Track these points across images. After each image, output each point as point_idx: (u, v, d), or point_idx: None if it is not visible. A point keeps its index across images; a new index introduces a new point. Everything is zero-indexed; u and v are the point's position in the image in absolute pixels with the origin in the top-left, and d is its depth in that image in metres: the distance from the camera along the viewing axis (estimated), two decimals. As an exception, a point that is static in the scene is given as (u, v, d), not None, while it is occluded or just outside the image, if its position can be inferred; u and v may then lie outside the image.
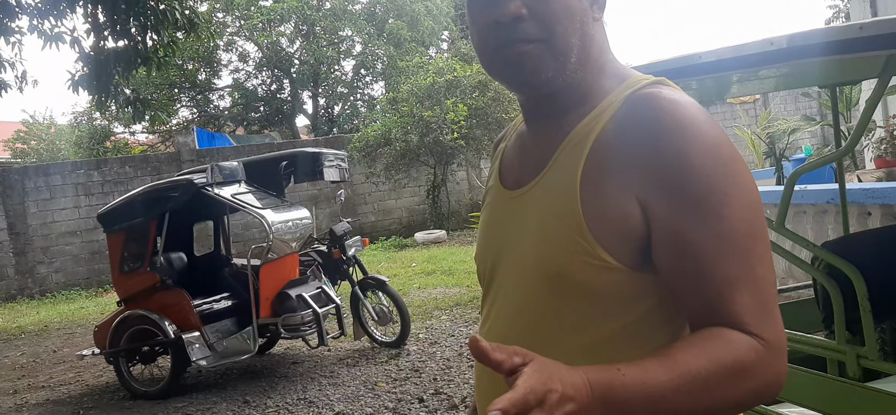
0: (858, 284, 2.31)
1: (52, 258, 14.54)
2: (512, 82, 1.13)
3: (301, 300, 6.31)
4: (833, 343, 2.50)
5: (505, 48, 1.07)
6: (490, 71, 1.14)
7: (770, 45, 2.27)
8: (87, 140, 21.71)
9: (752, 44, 2.34)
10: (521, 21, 1.04)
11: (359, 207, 16.51)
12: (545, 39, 1.05)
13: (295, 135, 23.58)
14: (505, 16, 1.04)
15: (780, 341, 0.96)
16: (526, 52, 1.05)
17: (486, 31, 1.09)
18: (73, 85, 8.62)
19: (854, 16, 9.83)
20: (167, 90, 21.98)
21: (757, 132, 12.46)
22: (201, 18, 9.55)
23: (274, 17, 21.05)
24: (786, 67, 2.40)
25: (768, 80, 2.63)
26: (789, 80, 2.89)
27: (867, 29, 2.00)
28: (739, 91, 3.16)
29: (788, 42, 2.24)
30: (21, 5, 8.50)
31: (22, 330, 10.68)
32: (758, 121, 13.70)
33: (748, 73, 2.43)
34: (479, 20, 1.10)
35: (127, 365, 6.38)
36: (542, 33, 1.05)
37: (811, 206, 5.93)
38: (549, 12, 1.04)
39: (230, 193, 6.43)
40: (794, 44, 2.22)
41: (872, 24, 2.01)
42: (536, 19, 1.04)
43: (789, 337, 2.78)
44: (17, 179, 14.49)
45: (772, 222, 2.54)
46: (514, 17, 1.04)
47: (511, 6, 1.04)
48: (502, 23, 1.05)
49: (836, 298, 2.42)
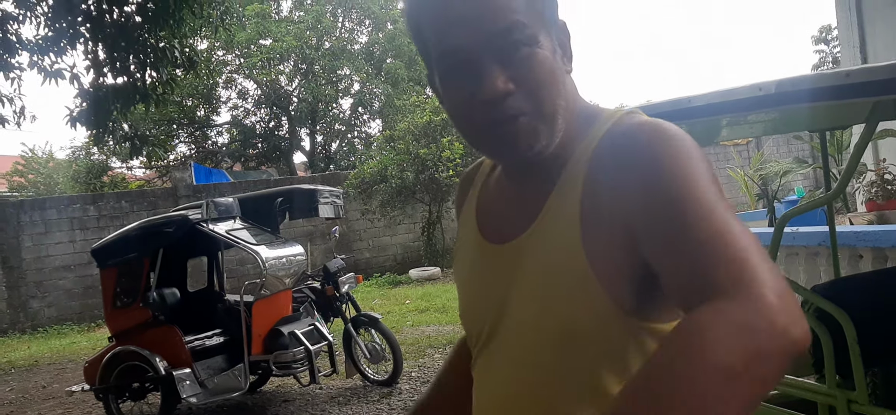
0: (848, 329, 2.32)
1: (46, 293, 14.45)
2: (506, 158, 1.09)
3: (293, 337, 6.28)
4: (824, 387, 2.49)
5: (497, 127, 1.01)
6: (478, 147, 1.08)
7: (759, 91, 2.30)
8: (85, 174, 21.73)
9: (741, 89, 2.38)
10: (509, 96, 0.98)
11: (354, 244, 16.50)
12: (535, 109, 1.00)
13: (292, 171, 23.64)
14: (494, 95, 0.98)
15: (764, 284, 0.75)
16: (519, 127, 1.00)
17: (470, 110, 1.02)
18: (71, 121, 8.65)
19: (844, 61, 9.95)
20: (166, 126, 22.07)
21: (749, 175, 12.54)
22: (200, 56, 9.62)
23: (274, 55, 21.25)
24: (775, 112, 2.42)
25: (758, 124, 2.66)
26: (778, 124, 2.93)
27: (854, 76, 2.04)
28: (729, 135, 3.19)
29: (777, 87, 2.27)
30: (22, 42, 8.56)
31: (12, 365, 10.59)
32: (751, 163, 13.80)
33: (737, 117, 2.46)
34: (460, 98, 1.03)
35: (117, 402, 6.33)
36: (531, 104, 1.00)
37: (803, 248, 5.94)
38: (535, 81, 0.99)
39: (225, 229, 6.43)
40: (783, 89, 2.25)
41: (859, 72, 2.04)
42: (523, 91, 0.99)
43: (781, 381, 2.78)
44: (11, 213, 14.46)
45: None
46: (503, 94, 0.98)
47: (498, 83, 0.97)
48: (490, 101, 0.98)
49: (826, 342, 2.42)
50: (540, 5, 1.02)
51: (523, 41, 0.98)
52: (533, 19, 1.00)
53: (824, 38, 25.04)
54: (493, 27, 0.97)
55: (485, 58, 0.98)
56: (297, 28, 21.72)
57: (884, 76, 1.97)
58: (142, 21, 8.26)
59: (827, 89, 2.11)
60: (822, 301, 2.43)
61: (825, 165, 3.18)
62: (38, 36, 8.51)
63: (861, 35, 9.01)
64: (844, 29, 9.49)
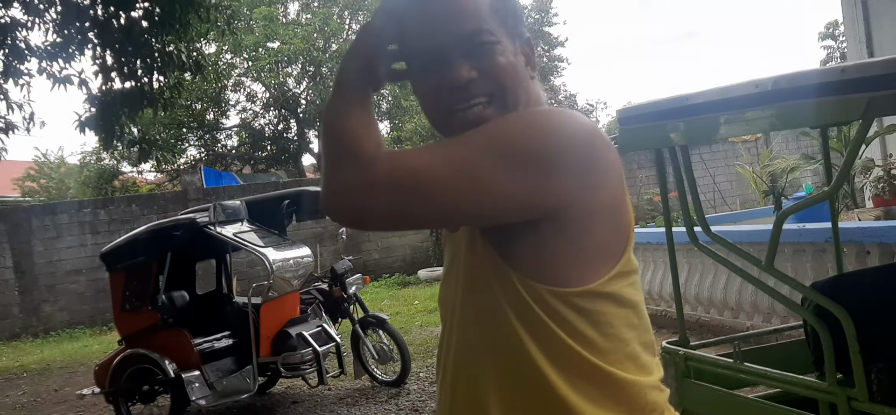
0: (847, 325, 2.31)
1: (57, 297, 14.55)
2: None
3: (301, 339, 6.31)
4: (824, 385, 2.49)
5: (461, 110, 1.15)
6: (445, 131, 1.21)
7: (755, 88, 2.30)
8: (96, 179, 21.85)
9: (737, 86, 2.38)
10: (471, 83, 1.14)
11: (363, 245, 16.52)
12: (496, 94, 1.15)
13: (301, 173, 23.71)
14: (458, 80, 1.14)
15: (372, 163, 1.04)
16: (477, 112, 1.15)
17: (437, 95, 1.18)
18: (80, 126, 8.73)
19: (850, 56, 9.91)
20: (175, 130, 22.17)
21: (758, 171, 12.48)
22: (207, 60, 9.68)
23: (281, 58, 21.31)
24: (773, 109, 2.42)
25: (757, 121, 2.66)
26: (776, 122, 2.92)
27: (849, 72, 2.04)
28: (727, 132, 3.19)
29: (773, 85, 2.27)
30: (30, 48, 8.65)
31: (24, 369, 10.68)
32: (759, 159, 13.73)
33: (735, 115, 2.46)
34: (428, 85, 1.19)
35: (127, 404, 6.37)
36: (493, 89, 1.15)
37: (810, 244, 5.92)
38: (497, 69, 1.15)
39: (232, 232, 6.47)
40: (779, 87, 2.25)
41: (854, 68, 2.04)
42: (486, 78, 1.14)
43: (782, 379, 2.78)
44: (23, 218, 14.57)
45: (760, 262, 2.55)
46: (464, 82, 1.14)
47: (462, 71, 1.13)
48: (456, 90, 1.14)
49: (826, 339, 2.41)
50: (504, 18, 1.18)
51: (486, 41, 1.15)
52: (497, 26, 1.16)
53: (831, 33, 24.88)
54: (462, 30, 1.14)
55: (454, 54, 1.14)
56: (304, 30, 21.79)
57: (877, 72, 1.97)
58: (148, 26, 8.32)
59: (822, 86, 2.11)
60: (821, 298, 2.42)
61: (826, 160, 3.17)
62: (46, 42, 8.59)
63: (867, 30, 8.97)
64: (850, 24, 9.45)
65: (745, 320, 6.72)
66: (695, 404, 3.14)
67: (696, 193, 2.94)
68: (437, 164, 1.05)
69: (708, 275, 7.11)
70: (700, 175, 19.28)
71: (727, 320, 6.95)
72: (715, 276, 7.03)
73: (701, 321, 7.20)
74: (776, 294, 2.71)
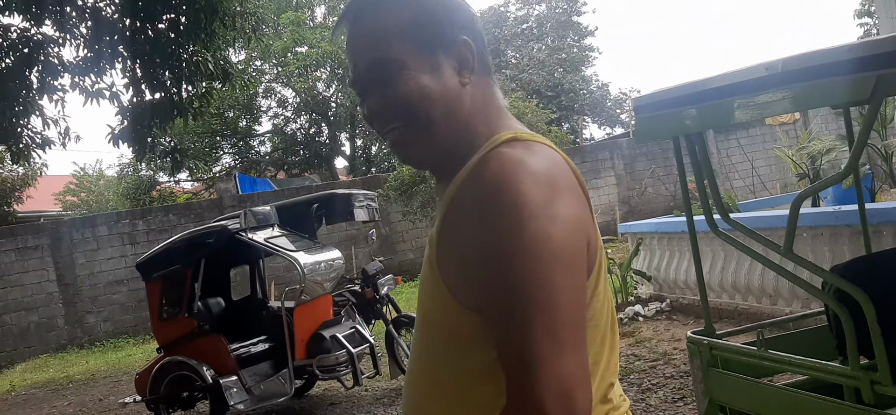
0: (867, 308, 2.27)
1: (100, 307, 14.88)
2: (404, 161, 1.32)
3: (335, 341, 6.37)
4: (847, 369, 2.45)
5: (385, 135, 1.25)
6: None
7: (765, 71, 2.28)
8: (134, 190, 22.26)
9: (748, 69, 2.35)
10: (383, 112, 1.22)
11: (397, 246, 16.60)
12: (406, 119, 1.19)
13: (334, 176, 23.91)
14: (370, 111, 1.24)
15: (544, 389, 0.96)
16: (397, 136, 1.22)
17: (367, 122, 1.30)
18: (113, 139, 8.91)
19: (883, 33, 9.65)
20: (209, 138, 22.49)
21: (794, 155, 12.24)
22: (235, 68, 9.80)
23: (310, 63, 21.49)
24: (785, 91, 2.39)
25: (769, 104, 2.62)
26: (788, 104, 2.88)
27: (855, 51, 2.00)
28: (742, 117, 3.15)
29: (784, 66, 2.24)
30: (63, 64, 8.85)
31: (70, 379, 10.94)
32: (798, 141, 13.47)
33: (747, 99, 2.44)
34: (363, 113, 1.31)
35: (168, 411, 6.50)
36: (402, 115, 1.19)
37: (847, 227, 5.81)
38: (400, 97, 1.18)
39: (263, 238, 6.55)
40: (789, 68, 2.23)
41: (860, 46, 2.01)
42: (393, 107, 1.19)
43: (805, 365, 2.74)
44: (65, 231, 14.92)
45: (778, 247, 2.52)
46: (376, 112, 1.23)
47: (369, 103, 1.23)
48: (373, 119, 1.25)
49: (847, 322, 2.37)
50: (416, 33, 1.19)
51: (391, 68, 1.18)
52: (407, 47, 1.18)
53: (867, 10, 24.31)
54: (365, 62, 1.21)
55: (365, 85, 1.23)
56: (331, 33, 21.96)
57: (886, 49, 1.94)
58: (175, 36, 8.45)
59: (830, 66, 2.07)
60: (840, 281, 2.38)
61: (850, 141, 3.11)
62: (78, 57, 8.78)
63: (900, 4, 8.73)
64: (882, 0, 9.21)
65: (769, 304, 6.67)
66: (722, 394, 3.11)
67: (714, 179, 2.90)
68: (554, 351, 0.99)
69: (731, 262, 7.04)
70: (739, 160, 18.99)
71: (752, 305, 6.88)
72: (737, 262, 6.97)
73: (727, 308, 7.14)
74: (797, 279, 2.67)
